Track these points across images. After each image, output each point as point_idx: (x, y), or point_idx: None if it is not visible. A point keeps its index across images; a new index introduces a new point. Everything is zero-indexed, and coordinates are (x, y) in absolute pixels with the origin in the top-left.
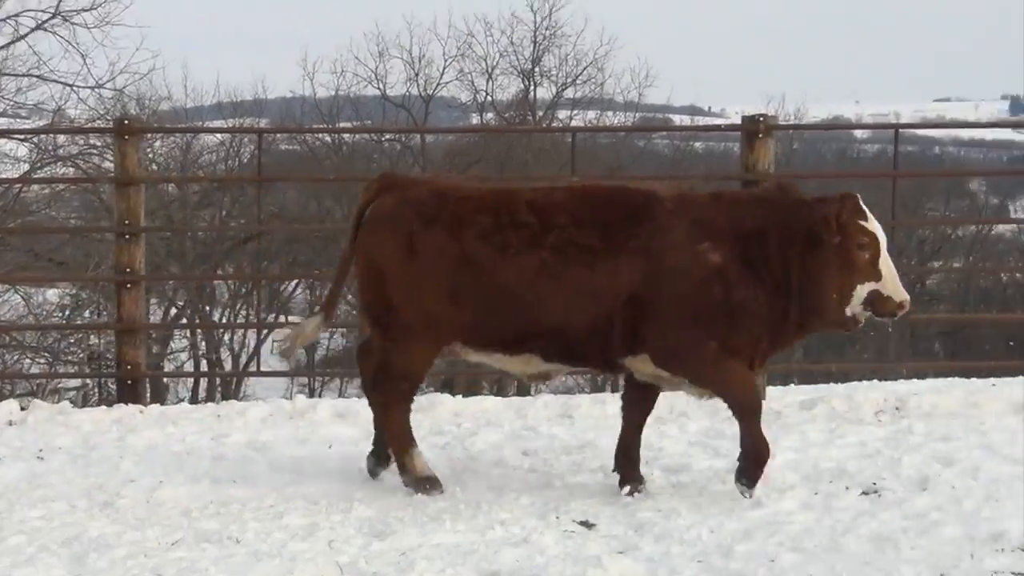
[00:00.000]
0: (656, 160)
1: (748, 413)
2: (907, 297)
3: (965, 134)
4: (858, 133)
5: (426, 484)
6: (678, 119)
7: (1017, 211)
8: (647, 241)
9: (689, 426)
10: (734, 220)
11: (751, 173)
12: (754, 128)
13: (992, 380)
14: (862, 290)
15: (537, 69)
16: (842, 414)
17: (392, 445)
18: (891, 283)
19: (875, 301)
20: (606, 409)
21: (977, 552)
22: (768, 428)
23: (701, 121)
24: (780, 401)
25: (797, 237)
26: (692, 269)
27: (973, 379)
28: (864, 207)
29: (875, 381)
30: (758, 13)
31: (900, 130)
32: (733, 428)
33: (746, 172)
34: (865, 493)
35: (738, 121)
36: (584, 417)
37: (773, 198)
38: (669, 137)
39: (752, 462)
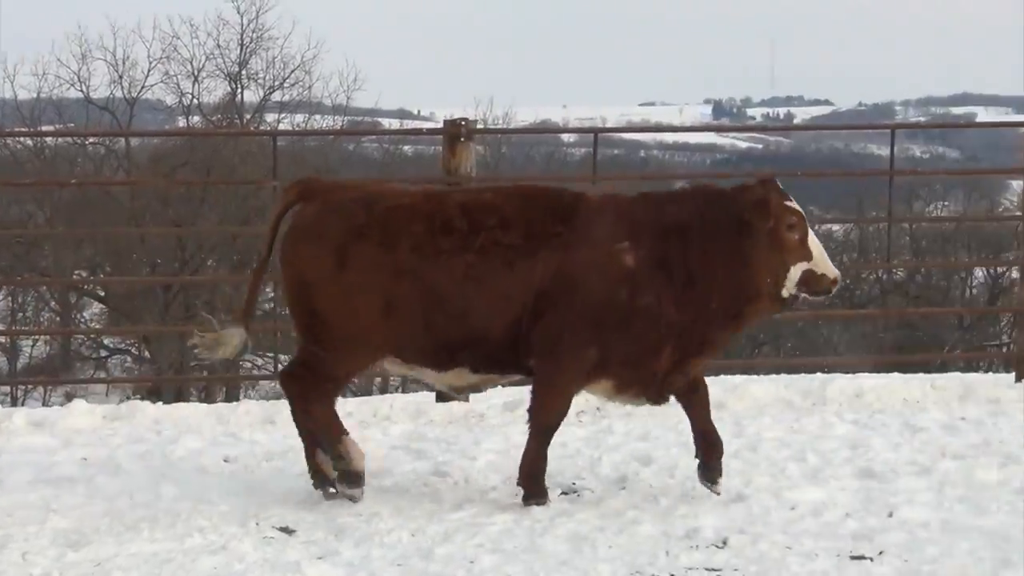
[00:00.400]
0: (365, 164)
1: (544, 431)
2: (838, 273)
3: (670, 137)
4: (565, 137)
5: (354, 479)
6: (387, 123)
7: None
8: (566, 239)
9: (392, 429)
10: (657, 217)
11: (453, 176)
12: (456, 132)
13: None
14: (795, 271)
15: (244, 72)
16: None
17: (324, 437)
18: (822, 261)
19: (809, 280)
20: None
21: (672, 549)
22: (471, 430)
23: (410, 125)
24: (484, 403)
25: (722, 228)
26: (604, 267)
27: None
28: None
29: None
30: (468, 17)
31: (603, 134)
32: (435, 431)
33: (448, 175)
34: (565, 493)
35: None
36: (287, 423)
37: (694, 193)
38: (379, 141)
39: (524, 480)
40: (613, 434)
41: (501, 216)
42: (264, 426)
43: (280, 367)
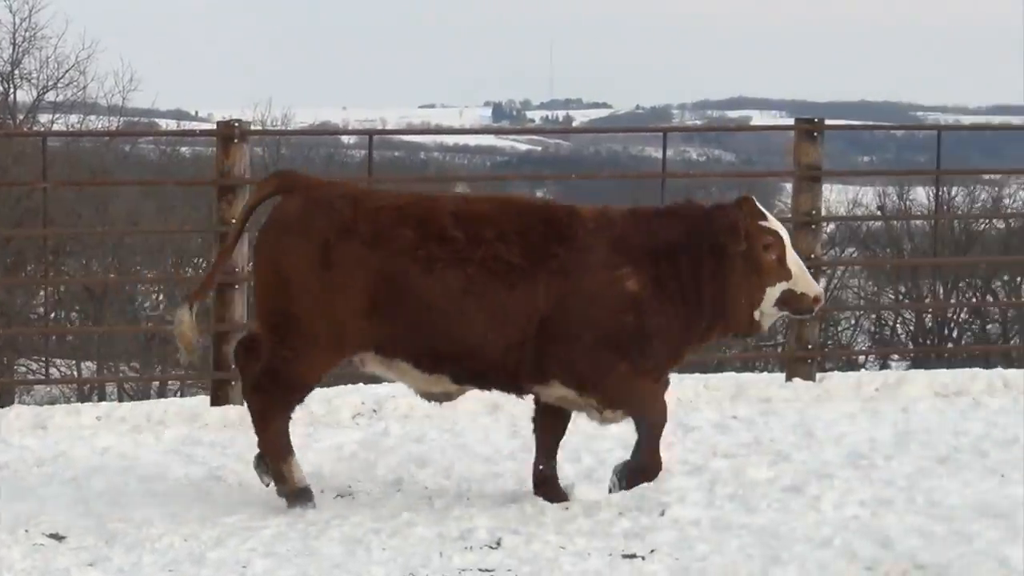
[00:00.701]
0: (141, 166)
1: (653, 429)
2: (820, 291)
3: (450, 140)
4: (345, 139)
5: (301, 497)
6: (164, 123)
7: None
8: (565, 263)
9: (165, 434)
10: (649, 237)
11: (226, 179)
12: (229, 133)
13: None
14: (773, 292)
15: (16, 71)
16: (319, 417)
17: (268, 454)
18: (802, 279)
19: (790, 300)
20: (80, 419)
21: (446, 550)
22: (246, 434)
23: (187, 126)
24: None
25: (702, 250)
26: (608, 295)
27: None
28: (761, 207)
29: (359, 384)
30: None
31: (382, 136)
32: (210, 435)
33: (221, 178)
34: (340, 496)
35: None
36: (58, 428)
37: (681, 211)
38: (155, 142)
39: (639, 474)
40: (389, 436)
41: (499, 230)
42: (35, 431)
43: (52, 371)
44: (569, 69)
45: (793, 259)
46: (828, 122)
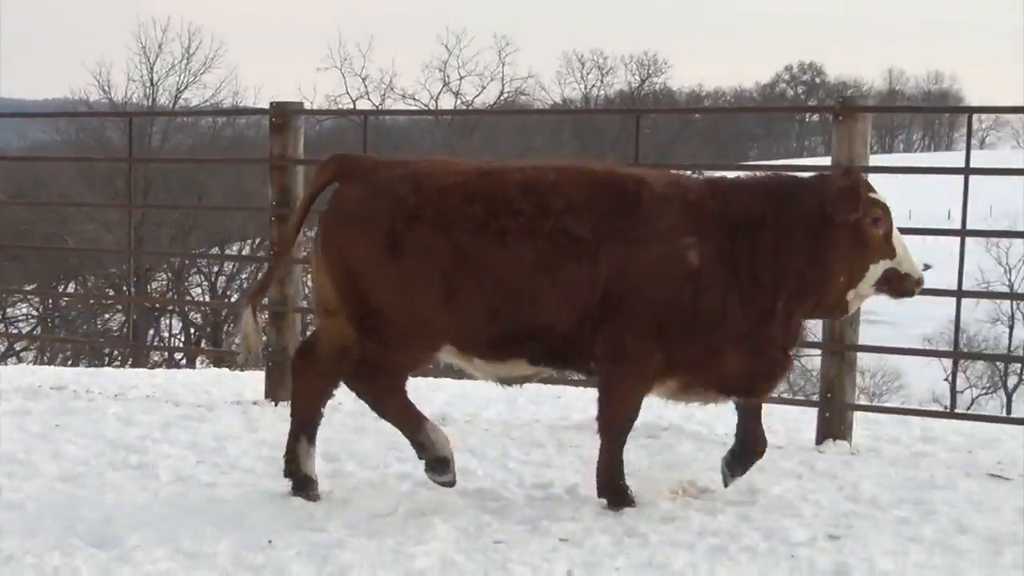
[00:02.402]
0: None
1: (616, 437)
2: (922, 274)
3: None
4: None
5: (441, 466)
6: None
7: None
8: (629, 233)
9: None
10: (724, 208)
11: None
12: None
13: None
14: (876, 269)
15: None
16: None
17: (402, 430)
18: (906, 260)
19: (892, 280)
20: None
21: None
22: None
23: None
24: None
25: (798, 222)
26: (668, 266)
27: None
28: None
29: None
30: None
31: None
32: None
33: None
34: None
35: None
36: None
37: (767, 183)
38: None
39: (605, 486)
40: None
41: (568, 200)
42: None
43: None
44: None
45: (899, 237)
46: None
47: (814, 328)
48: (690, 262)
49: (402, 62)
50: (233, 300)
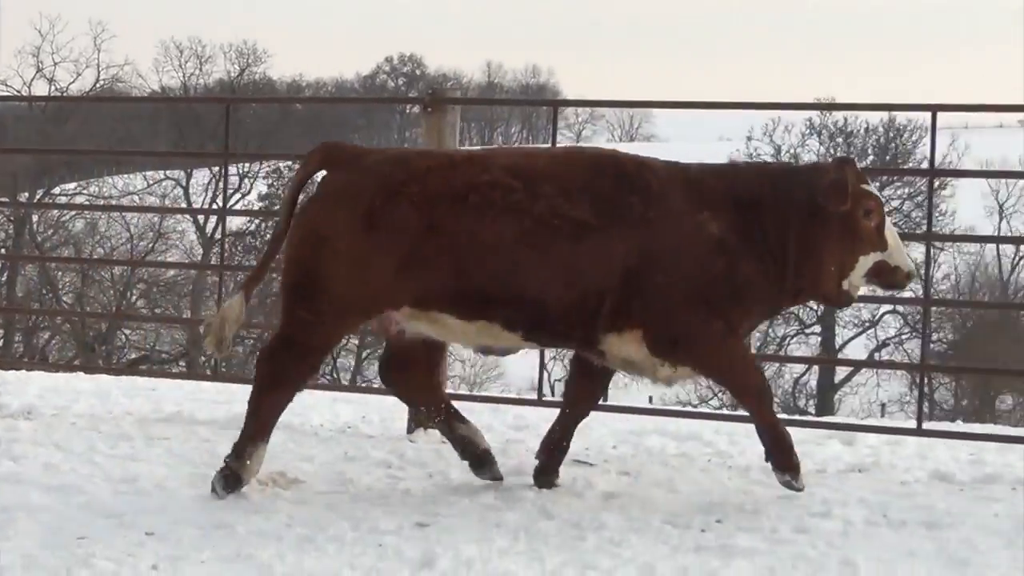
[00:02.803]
0: None
1: (758, 396)
2: (914, 267)
3: None
4: None
5: (232, 483)
6: None
7: None
8: (642, 213)
9: None
10: (727, 189)
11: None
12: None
13: None
14: (866, 261)
15: None
16: None
17: (245, 428)
18: (897, 252)
19: (882, 272)
20: None
21: None
22: None
23: None
24: None
25: (791, 210)
26: (694, 240)
27: None
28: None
29: None
30: None
31: None
32: None
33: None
34: None
35: None
36: None
37: (760, 170)
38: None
39: (779, 450)
40: None
41: (561, 186)
42: None
43: None
44: None
45: (891, 229)
46: None
47: None
48: (713, 234)
49: None
50: None
